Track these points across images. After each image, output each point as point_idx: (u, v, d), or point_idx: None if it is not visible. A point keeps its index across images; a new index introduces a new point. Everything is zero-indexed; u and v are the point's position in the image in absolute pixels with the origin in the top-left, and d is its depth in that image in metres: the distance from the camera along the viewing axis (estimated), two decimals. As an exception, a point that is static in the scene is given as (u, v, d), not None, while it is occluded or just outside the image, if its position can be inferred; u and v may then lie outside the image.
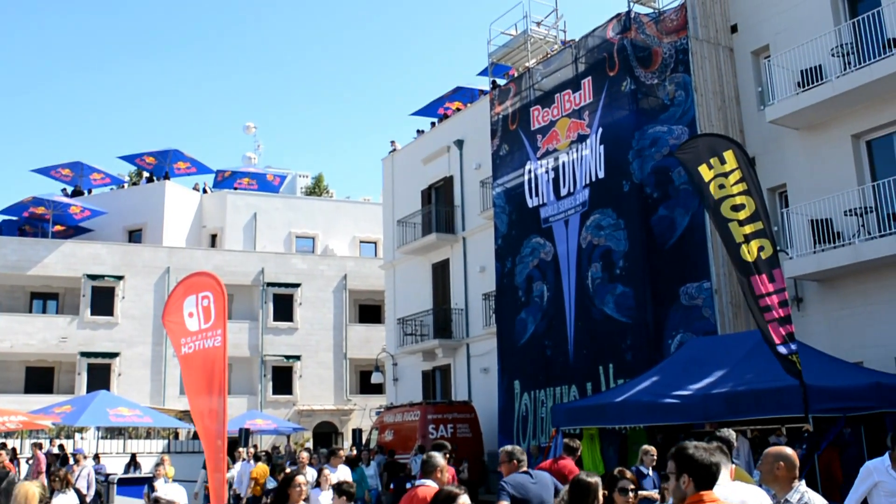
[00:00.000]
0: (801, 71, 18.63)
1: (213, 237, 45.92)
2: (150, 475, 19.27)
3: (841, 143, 18.39)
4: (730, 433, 9.66)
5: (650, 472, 11.55)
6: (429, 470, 7.62)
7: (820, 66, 18.38)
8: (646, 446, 12.13)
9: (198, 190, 47.81)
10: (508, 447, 8.26)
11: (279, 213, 46.53)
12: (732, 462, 8.61)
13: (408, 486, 14.97)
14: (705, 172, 10.36)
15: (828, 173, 18.43)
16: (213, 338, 7.81)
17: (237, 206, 45.87)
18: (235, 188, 47.97)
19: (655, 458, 11.69)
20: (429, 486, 7.30)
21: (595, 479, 6.01)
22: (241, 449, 22.29)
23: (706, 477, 4.24)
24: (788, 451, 5.70)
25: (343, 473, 14.62)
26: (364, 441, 27.09)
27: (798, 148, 19.14)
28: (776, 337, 10.10)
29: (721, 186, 10.28)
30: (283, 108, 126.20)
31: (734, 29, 20.88)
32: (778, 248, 17.49)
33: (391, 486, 20.66)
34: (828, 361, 13.29)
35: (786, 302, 10.24)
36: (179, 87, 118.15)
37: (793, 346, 10.07)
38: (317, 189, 65.07)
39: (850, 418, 11.98)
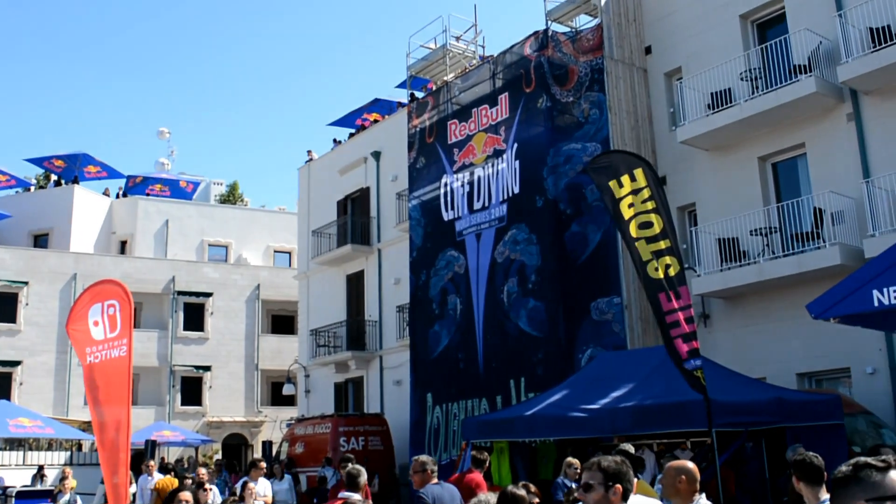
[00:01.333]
0: (712, 93, 19.14)
1: (123, 244, 44.93)
2: (53, 488, 18.67)
3: (748, 165, 18.94)
4: (628, 447, 9.84)
5: (573, 485, 11.61)
6: (357, 484, 7.69)
7: (729, 89, 18.92)
8: (569, 458, 12.23)
9: (108, 195, 46.74)
10: (422, 457, 8.30)
11: (192, 220, 45.76)
12: (635, 476, 8.74)
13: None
14: (615, 189, 10.53)
15: (735, 194, 18.94)
16: (119, 347, 7.64)
17: (148, 213, 44.99)
18: (147, 194, 47.03)
19: (579, 470, 11.80)
20: (352, 499, 7.38)
21: (523, 493, 6.02)
22: (149, 463, 21.63)
23: (629, 490, 4.29)
24: (690, 464, 5.82)
25: (264, 487, 14.32)
26: (274, 454, 26.74)
27: (707, 168, 19.63)
28: (682, 353, 10.31)
29: (631, 205, 10.47)
30: (199, 113, 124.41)
31: (648, 50, 21.33)
32: (686, 265, 17.92)
33: (314, 499, 20.43)
34: (732, 377, 13.59)
35: (691, 318, 10.44)
36: (91, 88, 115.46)
37: (697, 362, 10.29)
38: (231, 197, 64.20)
39: (752, 432, 12.27)
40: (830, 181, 17.29)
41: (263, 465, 14.43)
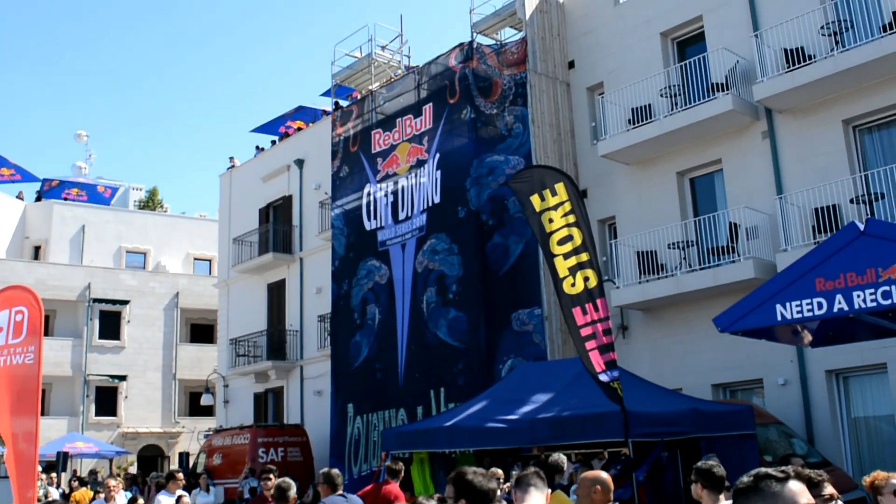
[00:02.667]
0: (632, 109, 19.48)
1: (37, 249, 43.74)
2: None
3: (667, 180, 19.30)
4: (560, 458, 9.92)
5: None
6: (287, 497, 7.77)
7: (650, 105, 19.28)
8: (493, 469, 12.31)
9: (21, 198, 45.48)
10: (326, 470, 8.47)
11: (109, 226, 44.80)
12: (557, 485, 8.81)
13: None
14: (536, 203, 10.63)
15: (654, 207, 19.28)
16: (24, 354, 7.41)
17: (64, 218, 43.89)
18: (64, 198, 45.86)
19: (502, 480, 11.92)
20: None
21: (433, 502, 6.04)
22: (42, 475, 20.73)
23: (483, 502, 4.30)
24: (604, 475, 5.89)
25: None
26: (191, 465, 26.25)
27: (627, 182, 19.95)
28: (598, 364, 10.42)
29: (551, 219, 10.57)
30: (118, 116, 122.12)
31: (571, 65, 21.61)
32: (606, 277, 18.18)
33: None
34: (649, 388, 13.78)
35: (609, 330, 10.57)
36: (5, 88, 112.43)
37: (614, 373, 10.42)
38: (151, 203, 63.08)
39: (668, 442, 12.45)
40: (745, 197, 17.72)
41: (181, 476, 14.00)
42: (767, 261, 16.71)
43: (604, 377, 10.39)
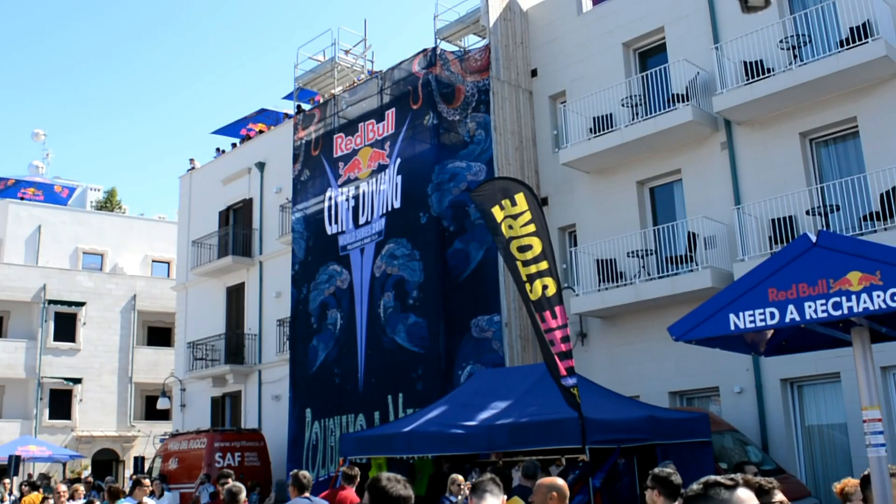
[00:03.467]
0: (594, 118, 19.62)
1: (-9, 249, 43.07)
2: None
3: (627, 189, 19.46)
4: (534, 462, 9.99)
5: (456, 500, 11.72)
6: (237, 502, 7.77)
7: (611, 114, 19.43)
8: (454, 475, 12.33)
9: (-24, 198, 44.78)
10: (295, 471, 8.50)
11: (66, 226, 44.18)
12: (517, 487, 8.83)
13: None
14: (497, 213, 10.72)
15: (614, 216, 19.43)
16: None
17: (20, 217, 43.22)
18: (20, 198, 45.21)
19: (462, 486, 11.94)
20: None
21: None
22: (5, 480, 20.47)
23: None
24: (560, 481, 5.92)
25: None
26: (146, 469, 25.96)
27: (588, 190, 20.08)
28: (562, 369, 10.51)
29: (510, 227, 10.65)
30: (77, 116, 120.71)
31: (534, 73, 21.72)
32: (566, 285, 18.31)
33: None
34: (606, 395, 13.87)
35: (567, 337, 10.66)
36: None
37: (573, 380, 10.50)
38: (109, 204, 62.36)
39: (625, 449, 12.55)
40: (704, 206, 17.92)
41: (148, 482, 13.63)
42: (725, 270, 16.90)
43: (563, 383, 10.48)
